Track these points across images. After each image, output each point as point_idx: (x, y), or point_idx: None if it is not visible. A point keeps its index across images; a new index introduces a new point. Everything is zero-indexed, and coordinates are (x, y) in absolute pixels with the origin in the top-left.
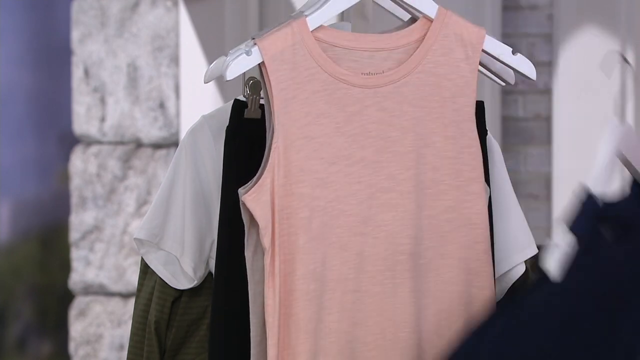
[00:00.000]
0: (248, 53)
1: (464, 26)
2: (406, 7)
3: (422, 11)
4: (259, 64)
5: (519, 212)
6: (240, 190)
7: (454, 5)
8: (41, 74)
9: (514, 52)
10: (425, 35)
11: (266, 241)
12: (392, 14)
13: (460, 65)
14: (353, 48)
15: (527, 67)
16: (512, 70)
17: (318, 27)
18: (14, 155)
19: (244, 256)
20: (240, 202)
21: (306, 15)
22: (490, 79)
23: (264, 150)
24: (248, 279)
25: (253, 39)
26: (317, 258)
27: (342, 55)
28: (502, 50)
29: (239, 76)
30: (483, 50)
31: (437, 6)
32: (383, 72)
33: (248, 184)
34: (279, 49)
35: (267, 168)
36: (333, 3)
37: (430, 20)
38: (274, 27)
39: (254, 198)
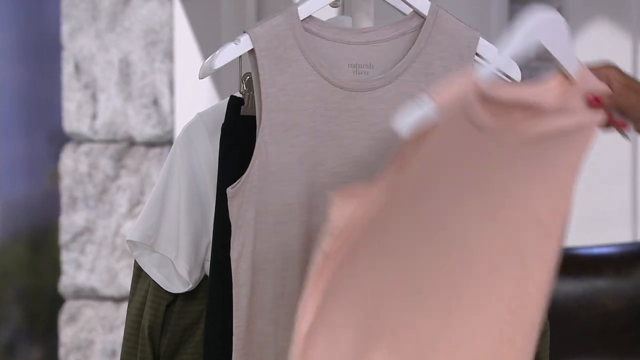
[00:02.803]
0: (237, 42)
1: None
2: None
3: (414, 5)
4: (248, 54)
5: None
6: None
7: None
8: (30, 69)
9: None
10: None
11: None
12: (395, 8)
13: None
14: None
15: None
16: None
17: (307, 17)
18: (2, 154)
19: None
20: (229, 200)
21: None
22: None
23: None
24: (233, 281)
25: (245, 32)
26: None
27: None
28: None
29: (235, 72)
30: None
31: (429, 2)
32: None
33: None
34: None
35: None
36: None
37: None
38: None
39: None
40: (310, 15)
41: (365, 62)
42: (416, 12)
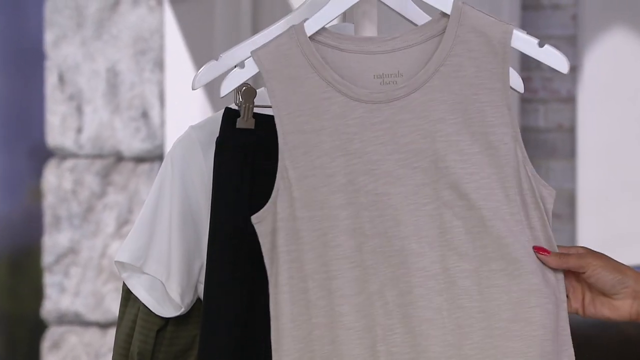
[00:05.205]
0: (241, 65)
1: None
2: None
3: (437, 6)
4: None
5: None
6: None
7: (468, 3)
8: (11, 80)
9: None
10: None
11: None
12: (399, 14)
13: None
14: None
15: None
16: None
17: (320, 30)
18: None
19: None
20: (255, 228)
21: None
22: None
23: (258, 163)
24: (277, 314)
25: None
26: None
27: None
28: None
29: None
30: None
31: (451, 0)
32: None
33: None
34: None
35: None
36: (330, 5)
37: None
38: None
39: None
40: (325, 28)
41: (392, 71)
42: (443, 14)
